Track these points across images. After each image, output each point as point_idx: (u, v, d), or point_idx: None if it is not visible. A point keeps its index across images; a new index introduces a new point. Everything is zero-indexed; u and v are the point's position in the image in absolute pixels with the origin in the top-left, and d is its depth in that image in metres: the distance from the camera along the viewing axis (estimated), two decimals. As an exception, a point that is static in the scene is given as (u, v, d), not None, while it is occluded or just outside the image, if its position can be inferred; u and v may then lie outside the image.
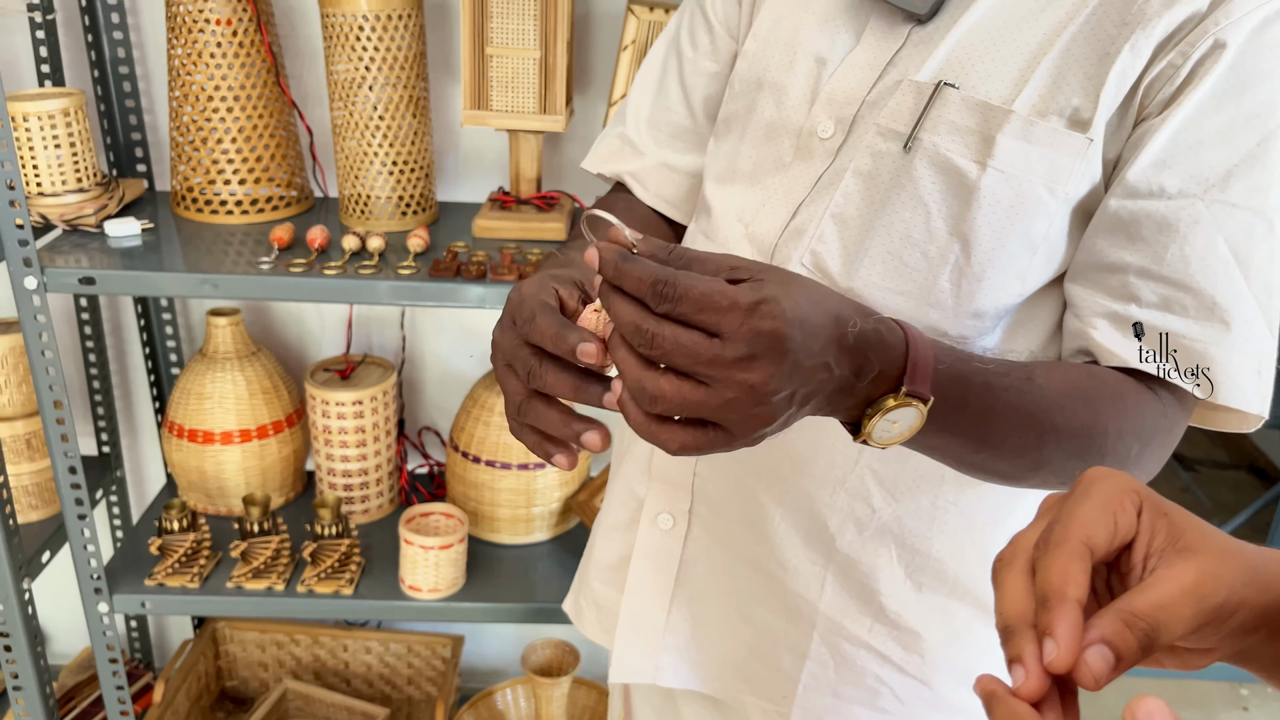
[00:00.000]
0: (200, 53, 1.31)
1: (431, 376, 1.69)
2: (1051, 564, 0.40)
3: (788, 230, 0.75)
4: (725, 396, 0.52)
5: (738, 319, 0.51)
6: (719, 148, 0.85)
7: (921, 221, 0.70)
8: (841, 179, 0.72)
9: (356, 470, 1.53)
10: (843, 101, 0.73)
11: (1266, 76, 0.63)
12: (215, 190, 1.37)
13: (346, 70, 1.31)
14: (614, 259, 0.53)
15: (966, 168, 0.68)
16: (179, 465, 1.54)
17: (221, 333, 1.51)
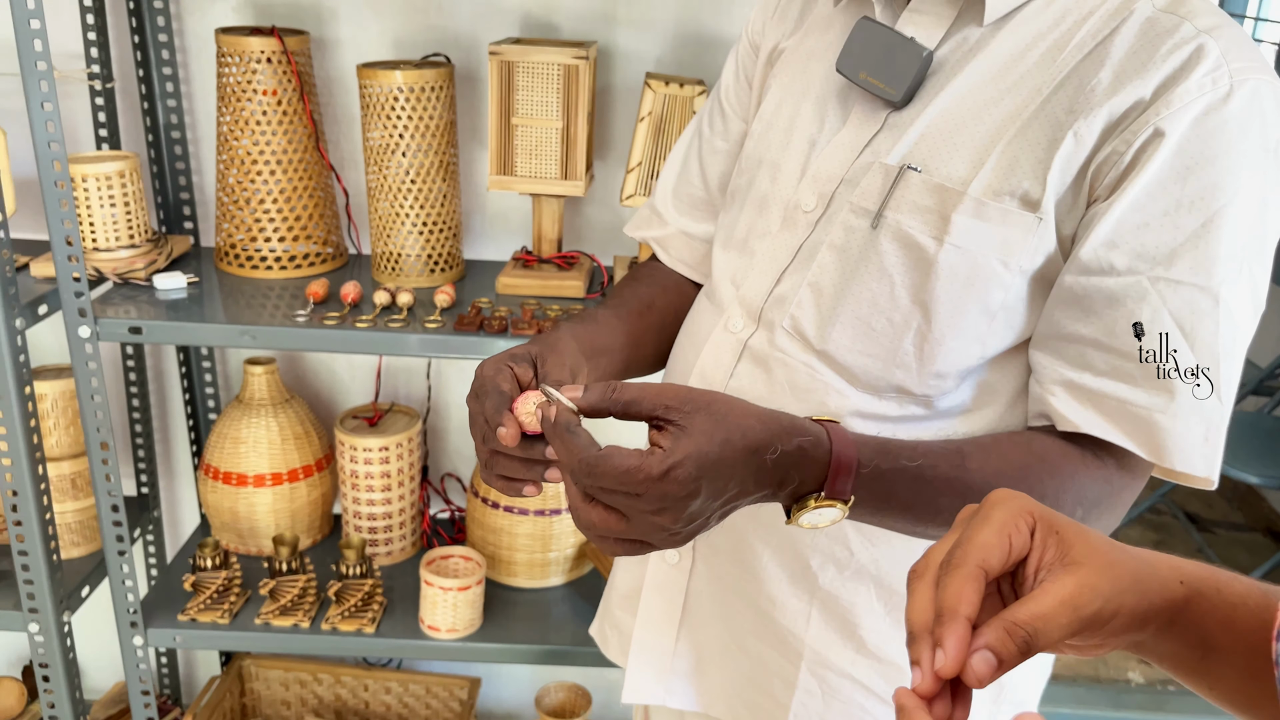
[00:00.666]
0: (247, 120, 1.41)
1: (455, 425, 1.76)
2: (949, 584, 0.46)
3: (772, 296, 0.83)
4: (642, 530, 0.65)
5: (650, 486, 0.63)
6: (724, 217, 0.94)
7: (887, 291, 0.77)
8: (819, 251, 0.80)
9: (381, 514, 1.60)
10: (825, 179, 0.81)
11: (1209, 161, 0.69)
12: (256, 247, 1.46)
13: (382, 137, 1.40)
14: (558, 429, 0.66)
15: (926, 243, 0.75)
16: (213, 506, 1.61)
17: (257, 381, 1.59)
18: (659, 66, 1.53)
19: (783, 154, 0.86)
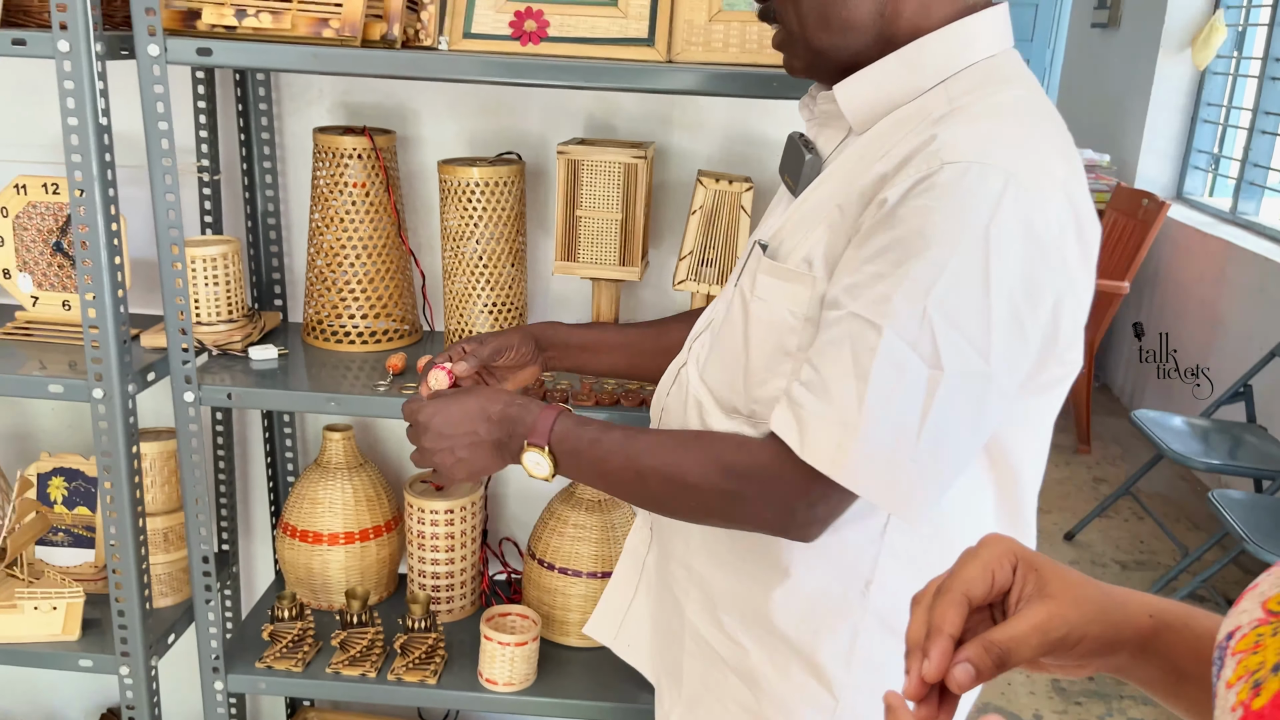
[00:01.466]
0: (338, 209, 1.56)
1: (513, 491, 1.88)
2: (937, 607, 0.57)
3: (696, 341, 1.09)
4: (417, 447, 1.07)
5: (411, 419, 1.09)
6: None
7: (735, 336, 0.99)
8: (726, 300, 1.05)
9: (445, 573, 1.71)
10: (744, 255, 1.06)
11: (902, 220, 0.82)
12: (340, 323, 1.61)
13: (458, 225, 1.55)
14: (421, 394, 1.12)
15: (749, 298, 0.97)
16: (289, 562, 1.73)
17: (335, 445, 1.72)
18: (709, 164, 1.66)
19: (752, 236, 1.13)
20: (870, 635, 0.98)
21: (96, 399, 1.43)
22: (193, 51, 1.32)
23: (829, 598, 0.98)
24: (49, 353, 1.55)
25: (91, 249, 1.37)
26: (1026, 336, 0.84)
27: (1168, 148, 4.84)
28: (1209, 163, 4.69)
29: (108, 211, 1.37)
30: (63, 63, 1.31)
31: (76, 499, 1.71)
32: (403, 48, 1.42)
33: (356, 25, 1.37)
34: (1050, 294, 0.84)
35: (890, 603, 0.97)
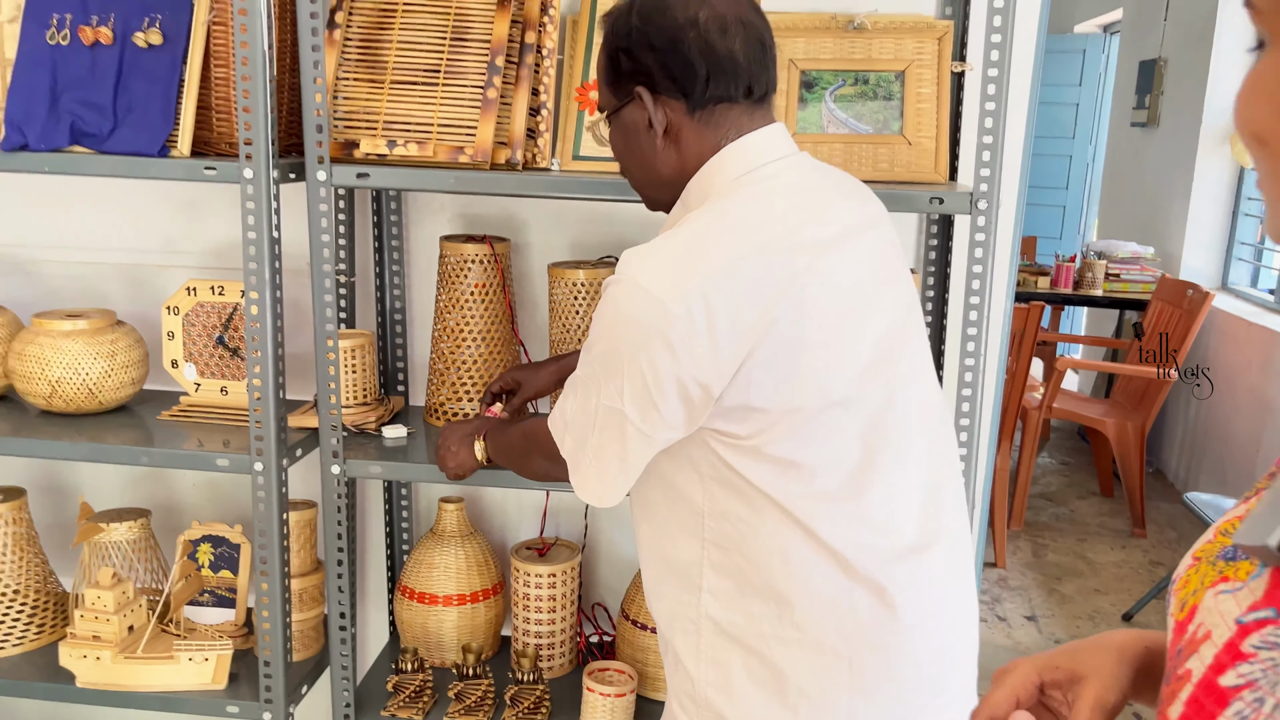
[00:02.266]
0: (459, 305, 1.79)
1: (604, 559, 2.06)
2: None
3: None
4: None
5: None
6: None
7: None
8: None
9: (546, 631, 1.88)
10: None
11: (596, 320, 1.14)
12: (459, 405, 1.82)
13: (563, 319, 1.77)
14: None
15: None
16: (406, 621, 1.92)
17: (450, 515, 1.92)
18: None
19: None
20: (709, 634, 1.19)
21: (256, 471, 1.65)
22: (353, 176, 1.57)
23: (682, 604, 1.21)
24: (207, 432, 1.78)
25: (260, 342, 1.61)
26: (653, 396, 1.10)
27: (1211, 240, 5.00)
28: (1252, 254, 4.84)
29: (275, 311, 1.61)
30: (246, 186, 1.56)
31: (221, 563, 1.92)
32: (523, 169, 1.66)
33: (487, 152, 1.61)
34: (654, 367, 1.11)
35: (719, 607, 1.18)
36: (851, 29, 1.74)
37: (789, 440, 1.12)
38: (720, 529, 1.16)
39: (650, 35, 1.15)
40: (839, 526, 1.13)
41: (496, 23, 1.65)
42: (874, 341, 1.16)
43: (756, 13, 1.19)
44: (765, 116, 1.20)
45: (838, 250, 1.15)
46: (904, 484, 1.16)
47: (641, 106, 1.18)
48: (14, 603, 1.89)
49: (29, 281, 2.04)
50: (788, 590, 1.13)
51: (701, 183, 1.19)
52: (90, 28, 1.63)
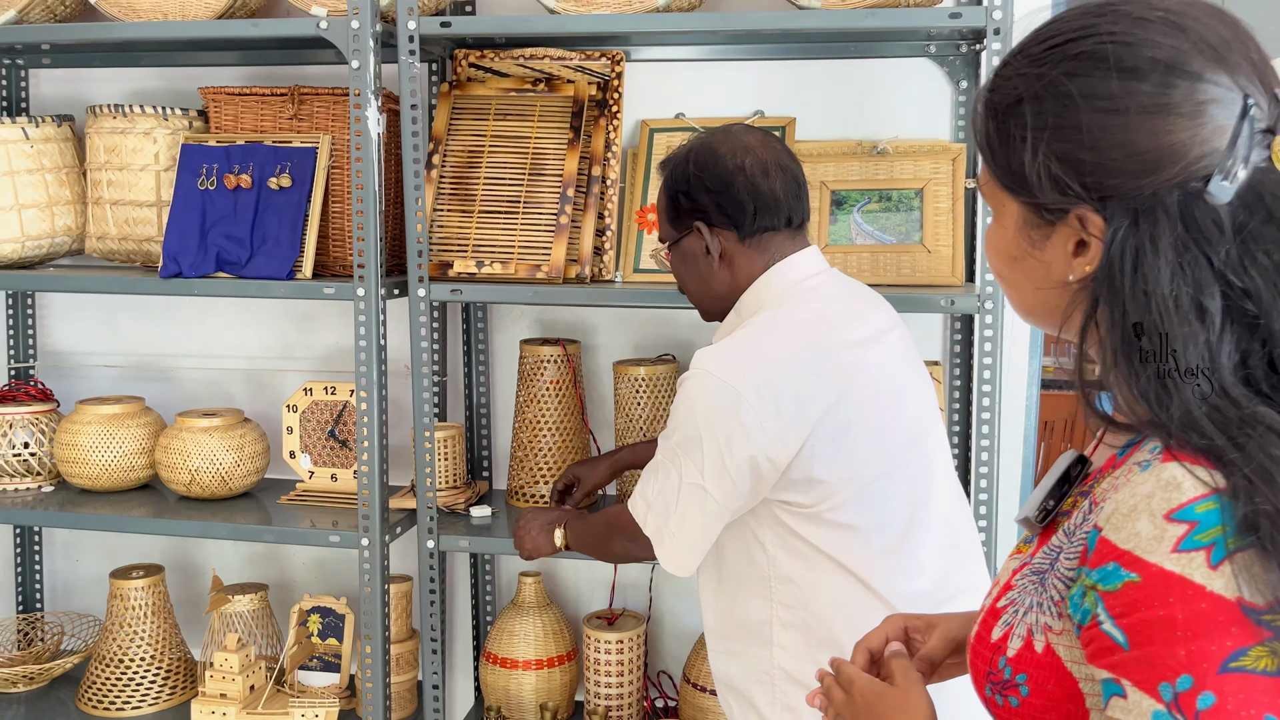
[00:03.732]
0: (536, 399, 2.05)
1: (668, 630, 2.26)
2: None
3: None
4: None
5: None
6: None
7: None
8: None
9: (615, 694, 2.08)
10: None
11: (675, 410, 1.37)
12: (536, 488, 2.07)
13: (626, 408, 2.01)
14: None
15: None
16: (490, 685, 2.14)
17: (528, 588, 2.15)
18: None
19: None
20: (782, 683, 1.38)
21: (363, 546, 1.91)
22: (447, 292, 1.86)
23: (756, 659, 1.40)
24: (319, 514, 2.05)
25: (369, 434, 1.88)
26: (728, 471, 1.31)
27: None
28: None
29: (383, 409, 1.89)
30: (358, 302, 1.86)
31: (328, 632, 2.17)
32: (590, 282, 1.93)
33: (559, 268, 1.89)
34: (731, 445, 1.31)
35: (789, 659, 1.37)
36: (875, 154, 1.99)
37: (848, 507, 1.34)
38: (785, 590, 1.37)
39: (705, 180, 1.41)
40: (888, 577, 1.35)
41: (568, 160, 1.94)
42: (909, 422, 1.40)
43: (790, 157, 1.46)
44: (803, 241, 1.46)
45: (873, 347, 1.39)
46: (931, 539, 1.39)
47: (700, 237, 1.44)
48: (151, 666, 2.16)
49: (170, 386, 2.36)
50: (848, 638, 1.35)
51: (754, 296, 1.43)
52: (233, 175, 1.96)
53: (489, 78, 2.05)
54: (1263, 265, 0.67)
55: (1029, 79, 0.74)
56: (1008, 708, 0.75)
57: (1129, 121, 0.69)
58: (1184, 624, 0.62)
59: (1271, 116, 0.70)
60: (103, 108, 2.05)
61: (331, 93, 2.00)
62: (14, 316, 2.36)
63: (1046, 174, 0.72)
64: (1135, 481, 0.68)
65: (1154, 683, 0.63)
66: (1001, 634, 0.76)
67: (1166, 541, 0.64)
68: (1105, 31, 0.71)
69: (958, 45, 1.94)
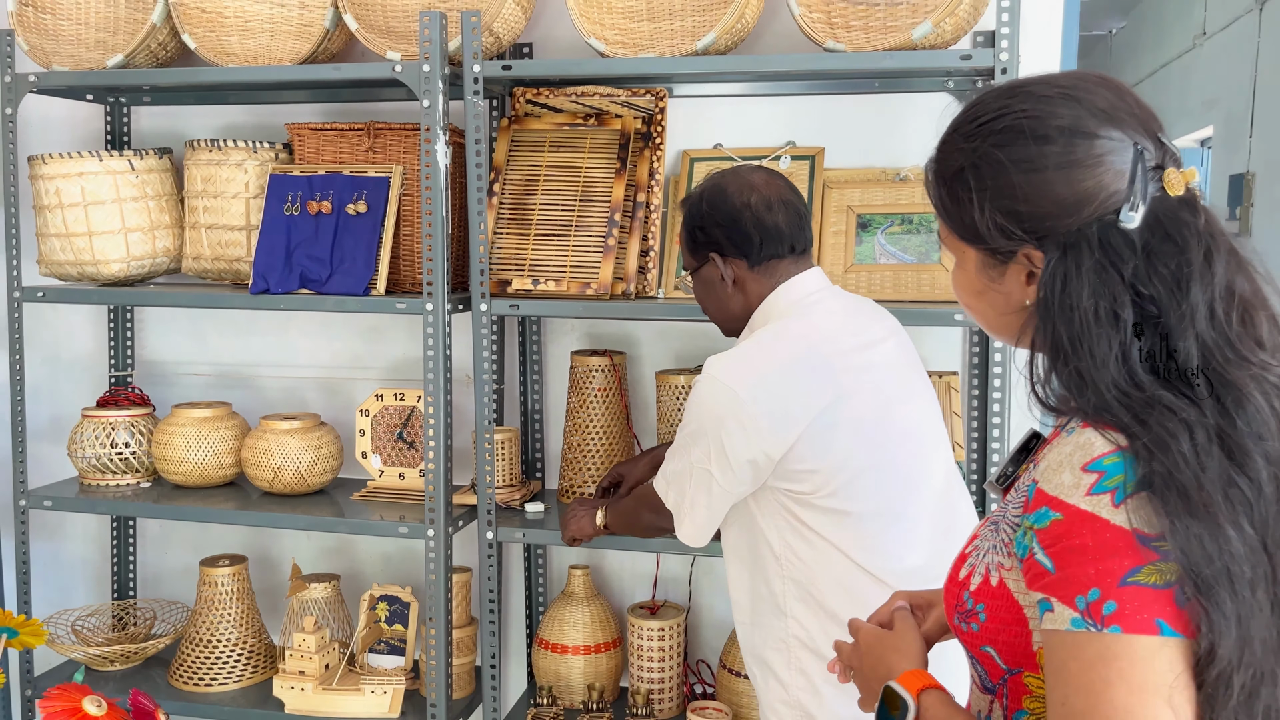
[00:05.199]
0: (586, 405, 2.24)
1: (705, 621, 2.43)
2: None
3: None
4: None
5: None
6: None
7: None
8: None
9: (657, 678, 2.26)
10: None
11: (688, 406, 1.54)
12: (586, 487, 2.26)
13: (668, 414, 2.19)
14: None
15: None
16: (542, 669, 2.32)
17: (577, 580, 2.33)
18: (851, 369, 2.27)
19: None
20: (797, 650, 1.56)
21: (429, 537, 2.11)
22: (506, 307, 2.06)
23: (774, 628, 1.58)
24: (388, 508, 2.25)
25: (435, 436, 2.09)
26: (729, 461, 1.51)
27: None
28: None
29: (448, 413, 2.09)
30: (427, 316, 2.06)
31: (394, 618, 2.37)
32: (635, 298, 2.12)
33: (607, 286, 2.08)
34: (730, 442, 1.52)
35: (801, 629, 1.55)
36: (898, 180, 2.17)
37: (840, 495, 1.52)
38: (794, 567, 1.55)
39: (717, 216, 1.61)
40: (879, 557, 1.53)
41: (615, 187, 2.14)
42: (901, 419, 1.56)
43: (793, 191, 1.64)
44: (806, 263, 1.64)
45: (865, 354, 1.57)
46: (924, 524, 1.56)
47: (715, 266, 1.63)
48: (235, 648, 2.37)
49: (251, 393, 2.59)
50: (848, 610, 1.52)
51: (763, 313, 1.62)
52: (315, 202, 2.19)
53: (544, 113, 2.26)
54: (1162, 274, 0.85)
55: (965, 152, 0.92)
56: (970, 632, 0.93)
57: (1048, 177, 0.88)
58: (1093, 549, 0.80)
59: (1159, 156, 0.88)
60: (200, 142, 2.29)
61: (403, 127, 2.22)
62: (115, 329, 2.61)
63: (994, 225, 0.91)
64: (1061, 443, 0.87)
65: (1071, 596, 0.81)
66: (966, 573, 0.94)
67: (1081, 487, 0.82)
68: (1019, 109, 0.90)
69: (974, 80, 2.11)
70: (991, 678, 0.93)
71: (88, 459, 2.40)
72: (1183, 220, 0.86)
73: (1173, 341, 0.84)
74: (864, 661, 1.06)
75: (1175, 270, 0.85)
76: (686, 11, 2.21)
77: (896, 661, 1.01)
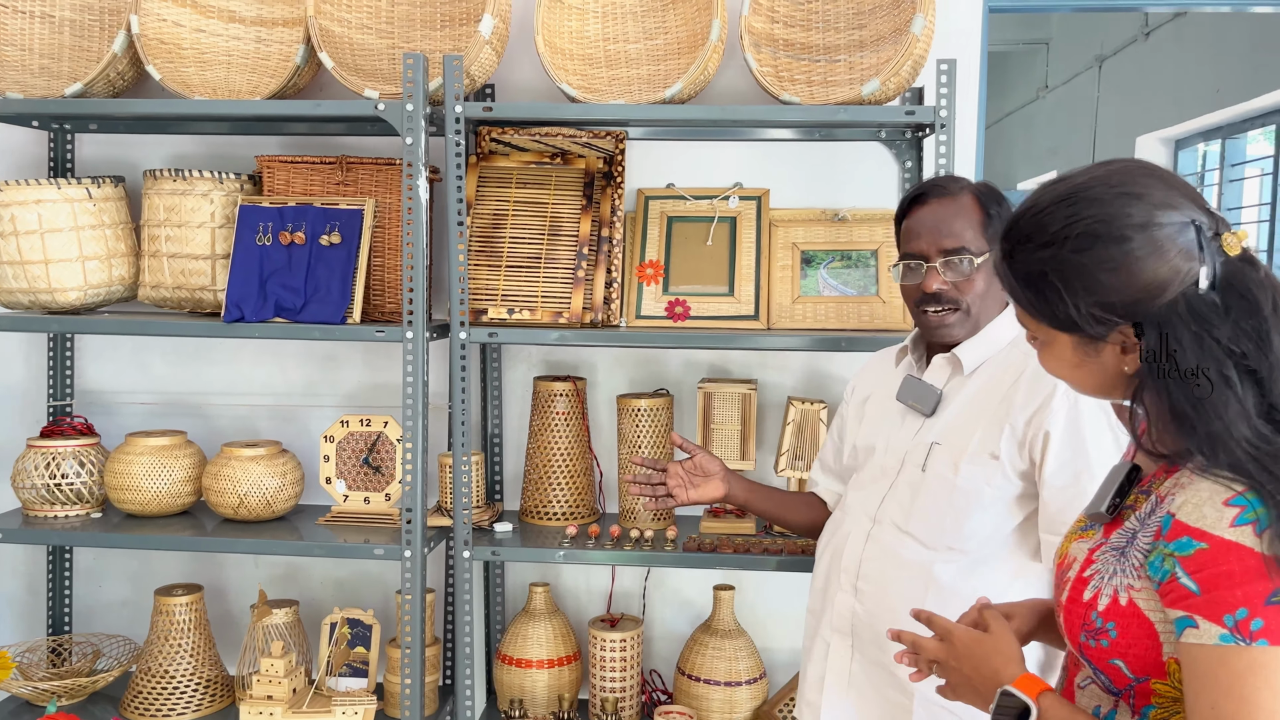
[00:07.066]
0: (548, 428, 2.35)
1: (658, 633, 2.56)
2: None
3: (878, 511, 1.72)
4: None
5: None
6: (855, 477, 1.82)
7: (938, 501, 1.64)
8: (898, 485, 1.69)
9: (618, 687, 2.37)
10: (897, 453, 1.71)
11: (1077, 439, 1.57)
12: (547, 506, 2.36)
13: (628, 436, 2.33)
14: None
15: (949, 475, 1.63)
16: (505, 683, 2.41)
17: (538, 597, 2.43)
18: (795, 392, 2.47)
19: (876, 442, 1.77)
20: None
21: (406, 558, 2.18)
22: (485, 334, 2.16)
23: None
24: (353, 532, 2.30)
25: (414, 461, 2.16)
26: None
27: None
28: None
29: (425, 438, 2.17)
30: (406, 344, 2.14)
31: (356, 641, 2.41)
32: (601, 326, 2.26)
33: (578, 315, 2.22)
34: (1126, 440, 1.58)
35: None
36: (837, 220, 2.38)
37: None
38: None
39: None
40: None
41: (582, 223, 2.28)
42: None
43: None
44: None
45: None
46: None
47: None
48: (192, 678, 2.36)
49: (199, 421, 2.59)
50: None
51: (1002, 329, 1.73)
52: (287, 233, 2.24)
53: (511, 151, 2.38)
54: (1246, 330, 1.00)
55: (1044, 259, 1.06)
56: (1099, 647, 1.07)
57: (1132, 270, 1.02)
58: (1240, 575, 0.95)
59: (1213, 224, 1.03)
60: (162, 171, 2.30)
61: (375, 162, 2.30)
62: (54, 358, 2.56)
63: (1091, 317, 1.05)
64: (1197, 481, 1.01)
65: (1219, 615, 0.96)
66: (1091, 594, 1.08)
67: (1225, 520, 0.97)
68: (1089, 216, 1.04)
69: (904, 133, 2.35)
70: (1116, 685, 1.08)
71: (34, 490, 2.35)
72: (1248, 276, 1.02)
73: (1267, 390, 0.99)
74: (963, 662, 1.17)
75: (1256, 326, 1.00)
76: (642, 60, 2.39)
77: (1001, 664, 1.13)
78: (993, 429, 1.62)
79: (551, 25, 2.30)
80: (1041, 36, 7.38)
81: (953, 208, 1.70)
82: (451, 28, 2.40)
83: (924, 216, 1.73)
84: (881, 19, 2.27)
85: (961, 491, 1.61)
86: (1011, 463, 1.60)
